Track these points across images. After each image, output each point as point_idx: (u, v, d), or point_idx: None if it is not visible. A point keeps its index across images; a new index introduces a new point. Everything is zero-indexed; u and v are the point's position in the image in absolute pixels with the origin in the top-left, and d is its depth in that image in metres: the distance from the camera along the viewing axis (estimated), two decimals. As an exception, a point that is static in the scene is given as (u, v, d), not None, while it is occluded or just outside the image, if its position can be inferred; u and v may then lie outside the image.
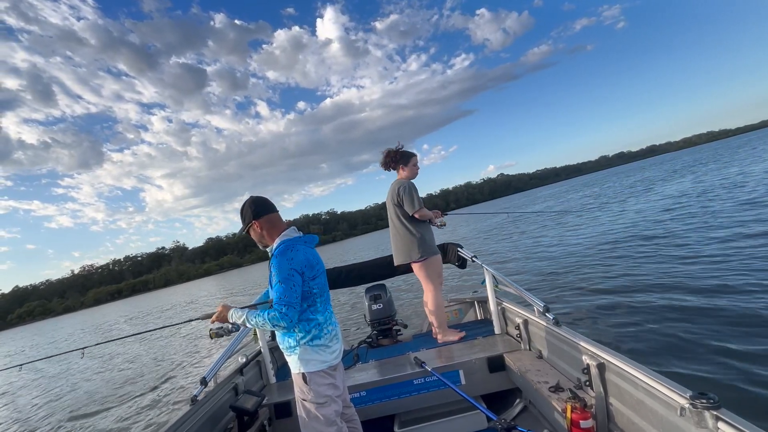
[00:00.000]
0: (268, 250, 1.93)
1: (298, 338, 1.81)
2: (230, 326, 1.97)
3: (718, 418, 1.16)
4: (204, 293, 33.89)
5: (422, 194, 3.42)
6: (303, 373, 1.82)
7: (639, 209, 13.25)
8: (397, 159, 3.24)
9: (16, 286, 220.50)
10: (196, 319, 2.14)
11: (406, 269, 3.36)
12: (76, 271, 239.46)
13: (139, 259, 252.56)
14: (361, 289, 3.92)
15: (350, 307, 9.38)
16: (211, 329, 1.98)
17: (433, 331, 3.31)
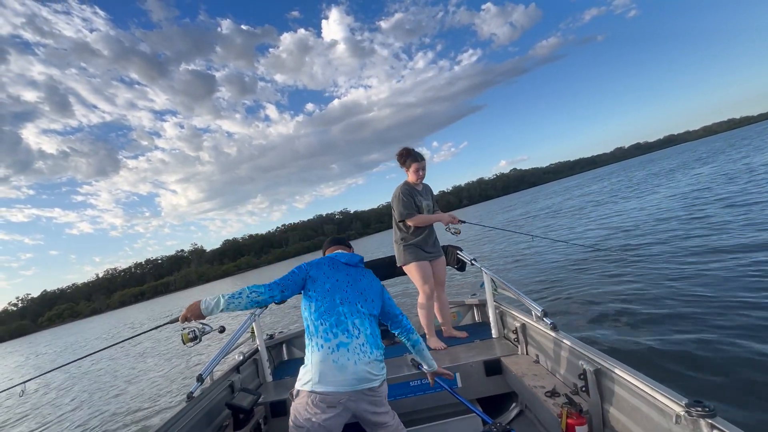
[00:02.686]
0: None
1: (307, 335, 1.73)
2: (202, 326, 1.80)
3: (713, 427, 1.16)
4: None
5: (434, 192, 3.37)
6: (296, 389, 1.68)
7: (644, 209, 12.72)
8: (405, 160, 3.15)
9: (45, 290, 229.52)
10: (164, 324, 1.99)
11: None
12: (100, 275, 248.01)
13: (159, 261, 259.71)
14: None
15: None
16: (182, 332, 1.77)
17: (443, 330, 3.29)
